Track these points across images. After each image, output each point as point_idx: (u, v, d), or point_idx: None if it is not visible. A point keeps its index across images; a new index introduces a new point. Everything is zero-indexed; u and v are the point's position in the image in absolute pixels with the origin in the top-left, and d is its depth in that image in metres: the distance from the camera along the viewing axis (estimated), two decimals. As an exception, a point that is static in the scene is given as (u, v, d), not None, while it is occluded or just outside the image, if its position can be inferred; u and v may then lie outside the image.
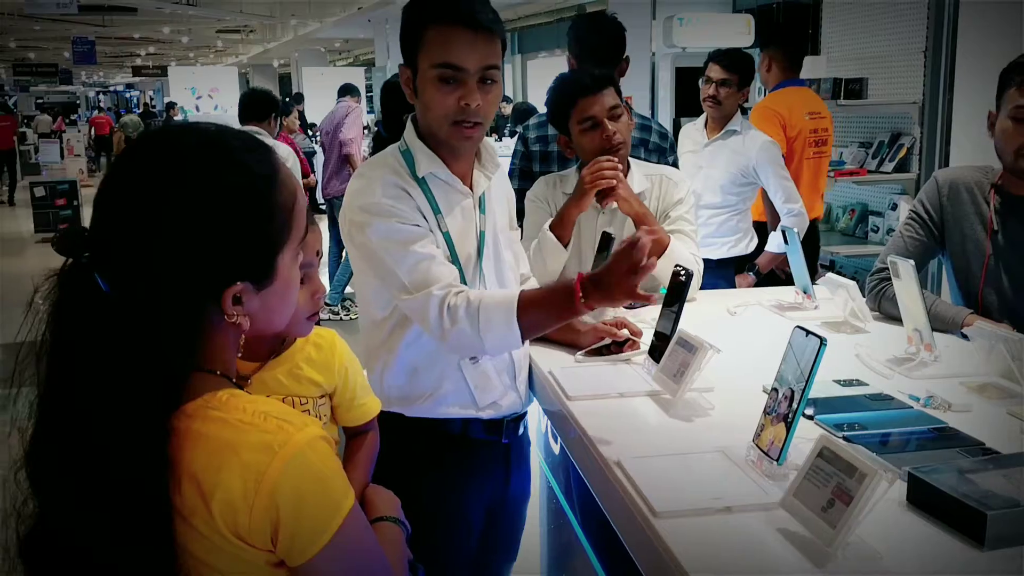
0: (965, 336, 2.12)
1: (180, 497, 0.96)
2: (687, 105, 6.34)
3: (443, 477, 1.89)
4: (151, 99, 33.75)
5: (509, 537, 2.14)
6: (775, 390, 1.44)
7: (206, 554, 0.97)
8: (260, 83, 27.26)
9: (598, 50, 2.94)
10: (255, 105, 5.36)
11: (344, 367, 1.53)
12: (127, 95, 41.19)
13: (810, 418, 1.66)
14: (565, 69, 3.08)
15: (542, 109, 2.77)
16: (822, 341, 1.36)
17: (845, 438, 1.54)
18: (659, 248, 1.94)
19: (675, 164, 2.96)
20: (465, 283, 1.82)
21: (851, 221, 5.46)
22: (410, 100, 1.85)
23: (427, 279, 1.72)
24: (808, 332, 1.40)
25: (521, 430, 2.06)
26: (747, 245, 3.93)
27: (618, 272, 1.55)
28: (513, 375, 1.96)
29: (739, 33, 7.02)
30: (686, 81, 6.62)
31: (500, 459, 1.99)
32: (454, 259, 1.83)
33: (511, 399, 1.95)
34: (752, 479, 1.39)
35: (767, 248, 3.95)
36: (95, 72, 35.36)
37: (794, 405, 1.37)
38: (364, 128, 9.85)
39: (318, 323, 1.50)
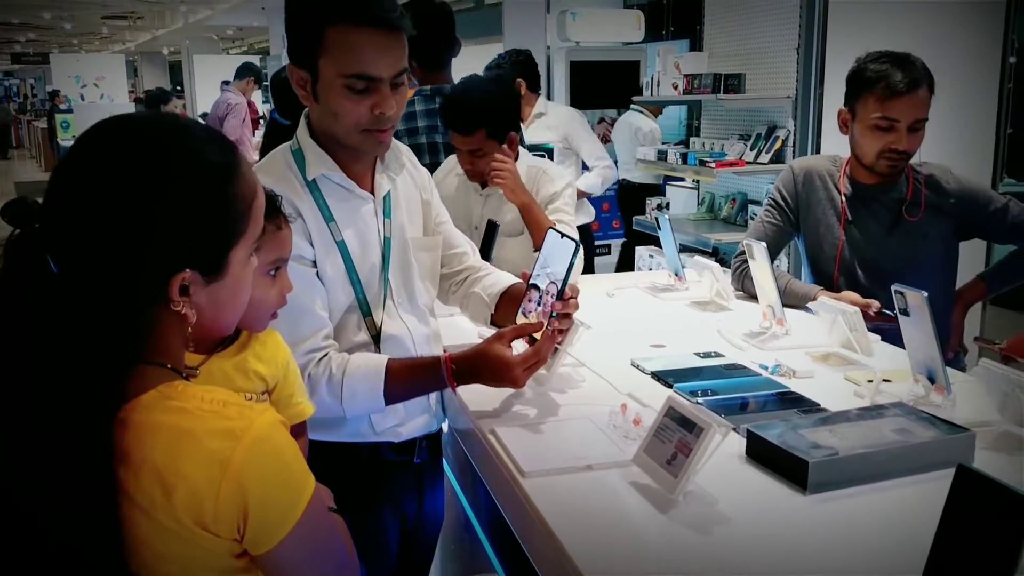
0: (815, 311, 2.31)
1: (139, 490, 0.93)
2: (582, 98, 6.50)
3: (357, 496, 1.70)
4: (32, 87, 32.27)
5: (423, 561, 2.02)
6: (535, 290, 1.70)
7: (165, 547, 0.95)
8: (149, 71, 26.48)
9: (432, 35, 3.03)
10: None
11: (287, 361, 1.47)
12: (6, 83, 39.27)
13: (669, 386, 1.81)
14: (464, 60, 3.23)
15: None
16: (576, 244, 1.61)
17: (698, 403, 1.70)
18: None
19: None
20: (364, 301, 1.74)
21: (732, 210, 5.72)
22: (305, 103, 1.69)
23: (291, 336, 1.55)
24: (563, 235, 1.66)
25: (433, 450, 1.95)
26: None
27: (509, 377, 1.62)
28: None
29: (630, 28, 7.22)
30: (581, 75, 6.77)
31: (412, 480, 1.88)
32: (350, 271, 1.71)
33: (420, 421, 1.85)
34: (612, 441, 1.53)
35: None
36: (-30, 58, 33.57)
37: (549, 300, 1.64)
38: (260, 118, 9.67)
39: None
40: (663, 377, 1.86)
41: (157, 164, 0.99)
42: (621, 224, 6.50)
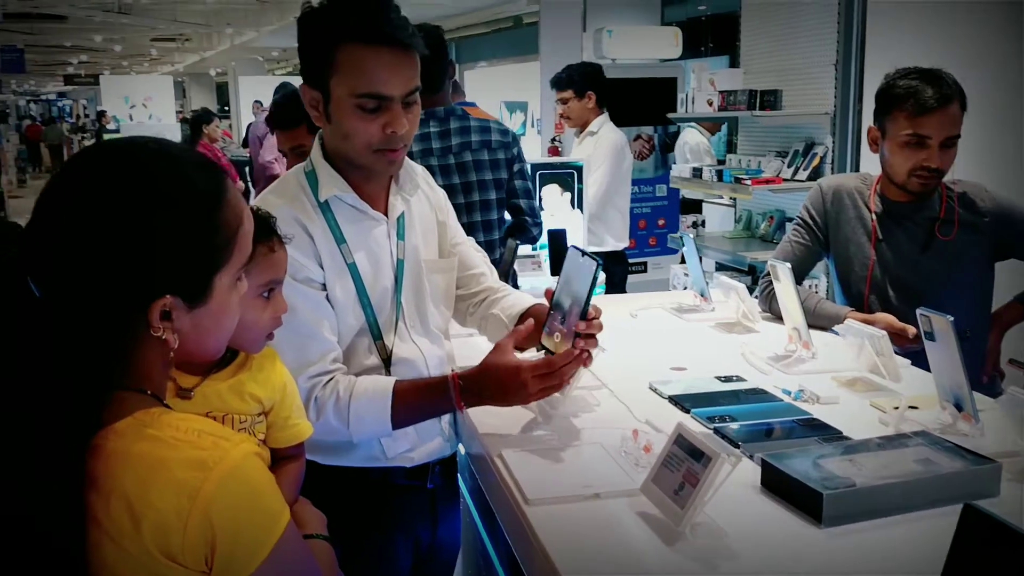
0: (844, 334, 2.25)
1: (108, 517, 0.92)
2: (617, 115, 6.48)
3: (366, 520, 1.75)
4: (84, 108, 33.08)
5: None
6: (559, 310, 1.63)
7: (132, 575, 0.93)
8: (197, 92, 27.04)
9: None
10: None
11: (284, 383, 1.44)
12: (59, 104, 40.29)
13: (687, 411, 1.76)
14: (504, 78, 3.22)
15: None
16: (598, 263, 1.52)
17: (715, 429, 1.65)
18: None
19: (519, 155, 3.11)
20: (375, 324, 1.70)
21: (770, 228, 5.63)
22: (317, 123, 1.68)
23: (298, 359, 1.57)
24: (584, 253, 1.56)
25: (448, 475, 1.91)
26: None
27: (523, 393, 1.56)
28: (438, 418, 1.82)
29: (667, 45, 7.18)
30: (616, 92, 6.74)
31: (425, 505, 1.84)
32: (361, 294, 1.69)
33: (433, 446, 1.81)
34: (622, 467, 1.48)
35: None
36: (25, 80, 34.52)
37: (572, 320, 1.57)
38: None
39: None
40: (680, 402, 1.81)
41: (141, 189, 0.98)
42: (658, 241, 6.45)
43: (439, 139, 2.96)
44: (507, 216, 3.13)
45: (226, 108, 22.99)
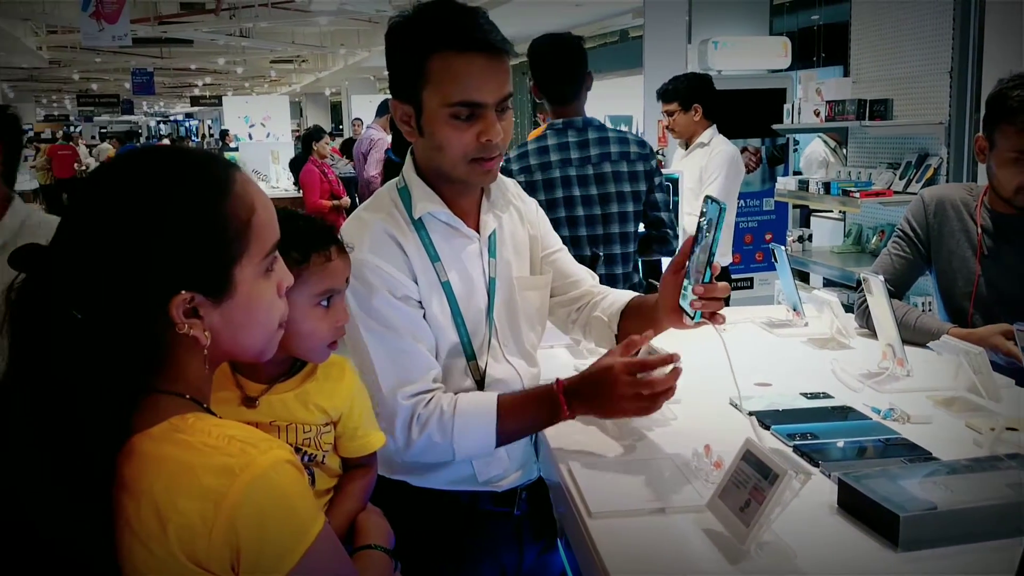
0: (942, 351, 2.13)
1: (138, 520, 0.94)
2: (725, 127, 6.36)
3: (453, 546, 1.73)
4: (209, 128, 34.69)
5: None
6: (695, 266, 1.55)
7: None
8: (312, 111, 27.99)
9: (559, 69, 2.96)
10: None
11: (352, 395, 1.43)
12: (186, 124, 42.37)
13: (767, 428, 1.71)
14: (609, 92, 3.16)
15: None
16: (722, 207, 1.45)
17: (796, 447, 1.60)
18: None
19: (657, 167, 3.07)
20: (468, 345, 1.66)
21: (881, 242, 5.42)
22: (409, 138, 1.63)
23: (399, 378, 1.57)
24: (713, 200, 1.49)
25: (538, 505, 1.83)
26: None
27: (615, 394, 1.50)
28: (529, 437, 1.78)
29: (775, 56, 7.00)
30: (723, 103, 6.62)
31: (510, 532, 1.79)
32: (456, 313, 1.65)
33: (522, 472, 1.78)
34: (690, 483, 1.45)
35: None
36: (155, 102, 36.48)
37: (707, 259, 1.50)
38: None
39: None
40: (761, 418, 1.75)
41: (145, 187, 1.00)
42: (765, 256, 6.28)
43: (577, 149, 2.93)
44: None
45: (340, 126, 23.73)
